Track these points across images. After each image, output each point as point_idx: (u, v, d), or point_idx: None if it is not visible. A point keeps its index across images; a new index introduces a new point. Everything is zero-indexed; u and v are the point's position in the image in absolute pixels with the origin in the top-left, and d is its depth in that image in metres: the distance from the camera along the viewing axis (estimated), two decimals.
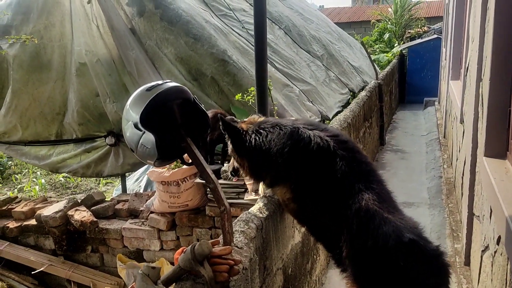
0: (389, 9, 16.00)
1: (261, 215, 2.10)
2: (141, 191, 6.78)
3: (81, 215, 3.42)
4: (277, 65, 5.27)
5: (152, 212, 3.41)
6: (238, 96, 3.33)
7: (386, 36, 12.80)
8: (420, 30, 13.10)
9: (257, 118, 2.19)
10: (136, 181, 6.68)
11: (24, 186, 8.91)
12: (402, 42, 13.47)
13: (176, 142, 1.75)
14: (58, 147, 5.14)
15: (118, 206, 3.62)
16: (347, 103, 6.81)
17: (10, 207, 3.78)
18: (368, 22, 21.59)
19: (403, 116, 8.97)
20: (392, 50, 11.30)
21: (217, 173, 3.24)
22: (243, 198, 3.12)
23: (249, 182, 3.06)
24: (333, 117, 5.49)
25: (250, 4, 6.44)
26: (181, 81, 4.46)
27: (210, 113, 3.52)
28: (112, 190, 8.33)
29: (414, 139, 6.97)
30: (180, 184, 3.25)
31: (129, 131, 1.71)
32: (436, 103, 8.85)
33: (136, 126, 1.68)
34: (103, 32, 4.52)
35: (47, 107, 4.87)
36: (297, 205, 2.02)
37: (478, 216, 2.69)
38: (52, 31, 4.61)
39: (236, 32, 5.19)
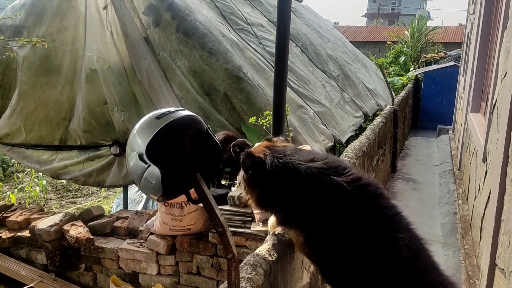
0: (406, 32, 15.87)
1: (270, 258, 1.92)
2: (143, 201, 6.63)
3: (77, 231, 3.25)
4: (293, 84, 5.11)
5: (152, 233, 3.23)
6: (252, 119, 3.15)
7: (402, 59, 12.64)
8: (436, 55, 12.93)
9: (273, 142, 1.94)
10: (139, 190, 6.52)
11: (25, 186, 8.78)
12: (417, 66, 13.31)
13: (184, 177, 1.58)
14: (61, 153, 4.99)
15: (117, 224, 3.45)
16: (361, 127, 6.64)
17: (5, 215, 3.62)
18: (383, 43, 21.51)
19: (415, 143, 8.76)
20: (407, 74, 11.13)
21: (224, 198, 3.07)
22: (249, 228, 2.93)
23: (257, 212, 2.87)
24: (346, 142, 5.32)
25: (268, 19, 6.32)
26: (192, 95, 4.32)
27: (220, 135, 3.37)
28: (113, 197, 8.17)
29: (426, 168, 6.76)
30: (184, 206, 3.07)
31: (132, 162, 1.54)
32: (450, 131, 8.64)
33: (141, 157, 1.51)
34: (116, 39, 4.39)
35: (53, 111, 4.73)
36: (311, 250, 1.83)
37: (503, 269, 2.48)
38: (65, 35, 4.49)
39: (252, 47, 5.06)
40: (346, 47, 9.11)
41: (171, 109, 1.60)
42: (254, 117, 3.19)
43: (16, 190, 8.49)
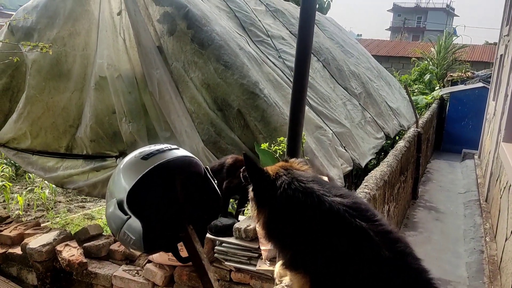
0: (432, 49, 15.43)
1: None
2: None
3: (70, 252, 3.01)
4: (312, 102, 4.82)
5: (149, 261, 2.96)
6: (264, 145, 2.87)
7: (427, 77, 12.22)
8: (463, 74, 12.46)
9: (291, 163, 1.63)
10: None
11: (34, 188, 8.67)
12: (443, 85, 12.86)
13: (172, 231, 1.32)
14: (67, 161, 4.80)
15: (114, 247, 3.20)
16: (382, 149, 6.30)
17: None
18: (407, 58, 21.04)
19: (438, 167, 8.34)
20: (432, 93, 10.71)
21: (229, 229, 2.79)
22: (255, 265, 2.64)
23: (264, 248, 2.59)
24: (365, 167, 4.99)
25: (290, 31, 6.05)
26: (204, 110, 4.07)
27: (229, 159, 3.09)
28: None
29: (450, 196, 6.36)
30: None
31: (111, 209, 1.29)
32: (476, 156, 8.20)
33: (120, 206, 1.25)
34: (129, 46, 4.18)
35: (60, 117, 4.55)
36: None
37: None
38: (76, 39, 4.31)
39: (271, 60, 4.79)
40: (369, 62, 8.79)
41: (163, 146, 1.34)
42: (267, 143, 2.89)
43: (24, 192, 8.38)
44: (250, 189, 1.53)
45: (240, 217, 3.00)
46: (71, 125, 4.58)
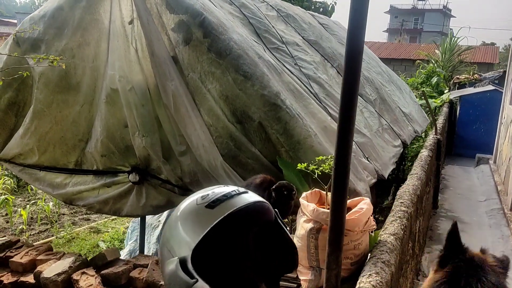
0: (436, 51, 15.29)
1: None
2: (160, 227, 6.17)
3: (88, 282, 2.79)
4: (331, 111, 4.61)
5: None
6: (301, 166, 2.66)
7: (434, 80, 12.04)
8: (471, 77, 12.30)
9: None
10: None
11: (38, 201, 8.44)
12: (449, 87, 12.69)
13: None
14: (76, 177, 4.58)
15: (134, 274, 2.97)
16: (401, 157, 6.10)
17: (8, 254, 3.19)
18: (409, 60, 20.94)
19: (452, 172, 8.15)
20: (441, 97, 10.53)
21: None
22: None
23: (304, 278, 2.37)
24: (389, 177, 4.79)
25: (303, 37, 5.86)
26: (223, 122, 3.85)
27: (258, 179, 2.87)
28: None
29: (470, 204, 6.16)
30: None
31: (170, 269, 1.07)
32: (491, 161, 8.01)
33: (183, 265, 1.04)
34: (141, 56, 3.97)
35: (69, 132, 4.33)
36: None
37: None
38: (86, 51, 4.09)
39: (288, 68, 4.59)
40: (380, 67, 8.60)
41: (230, 190, 1.11)
42: (304, 164, 2.67)
43: (28, 206, 8.15)
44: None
45: None
46: (80, 139, 4.37)
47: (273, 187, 2.68)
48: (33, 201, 8.65)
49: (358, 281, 1.98)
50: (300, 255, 2.42)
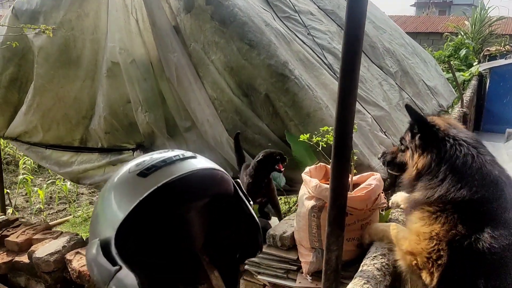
0: (466, 22, 14.51)
1: None
2: None
3: (81, 262, 2.66)
4: None
5: None
6: (304, 137, 2.42)
7: (463, 52, 11.40)
8: (502, 48, 11.59)
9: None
10: None
11: (56, 181, 8.49)
12: (479, 60, 12.04)
13: (186, 282, 0.91)
14: (81, 155, 4.47)
15: None
16: None
17: (5, 233, 3.11)
18: (437, 34, 20.02)
19: None
20: (470, 70, 9.96)
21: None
22: (294, 280, 2.22)
23: (304, 260, 2.16)
24: None
25: (318, 6, 5.51)
26: (228, 96, 3.63)
27: (261, 154, 2.64)
28: None
29: None
30: None
31: (92, 252, 0.87)
32: None
33: (106, 249, 0.83)
34: (142, 28, 3.76)
35: (72, 109, 4.20)
36: None
37: None
38: (85, 22, 3.91)
39: (300, 38, 4.29)
40: (403, 38, 8.12)
41: (172, 155, 0.89)
42: (307, 135, 2.43)
43: (45, 185, 8.20)
44: (417, 136, 1.78)
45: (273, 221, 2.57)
46: (84, 116, 4.23)
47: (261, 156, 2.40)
48: (52, 181, 8.72)
49: (362, 263, 1.75)
50: (301, 235, 2.20)
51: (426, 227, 1.54)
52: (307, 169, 2.22)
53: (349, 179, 2.18)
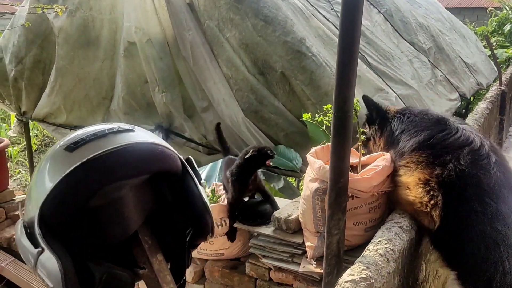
0: None
1: None
2: None
3: None
4: (371, 60, 4.10)
5: None
6: (306, 116, 2.29)
7: (507, 28, 10.67)
8: None
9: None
10: None
11: None
12: None
13: (121, 268, 0.84)
14: None
15: None
16: (456, 114, 5.43)
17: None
18: (482, 9, 18.91)
19: None
20: None
21: (263, 215, 2.30)
22: (298, 264, 2.13)
23: (309, 244, 2.06)
24: None
25: None
26: (243, 74, 3.52)
27: (252, 148, 2.45)
28: None
29: None
30: (215, 227, 2.35)
31: (16, 235, 0.82)
32: None
33: (28, 231, 0.78)
34: (158, 6, 3.69)
35: (92, 89, 4.23)
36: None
37: None
38: (103, 2, 3.89)
39: (321, 14, 4.10)
40: (440, 13, 7.67)
41: (105, 127, 0.82)
42: (309, 113, 2.30)
43: None
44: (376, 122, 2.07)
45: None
46: (104, 97, 4.25)
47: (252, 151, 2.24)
48: None
49: (365, 249, 1.64)
50: (305, 218, 2.09)
51: (409, 177, 1.72)
52: (312, 149, 2.10)
53: (358, 160, 2.05)
